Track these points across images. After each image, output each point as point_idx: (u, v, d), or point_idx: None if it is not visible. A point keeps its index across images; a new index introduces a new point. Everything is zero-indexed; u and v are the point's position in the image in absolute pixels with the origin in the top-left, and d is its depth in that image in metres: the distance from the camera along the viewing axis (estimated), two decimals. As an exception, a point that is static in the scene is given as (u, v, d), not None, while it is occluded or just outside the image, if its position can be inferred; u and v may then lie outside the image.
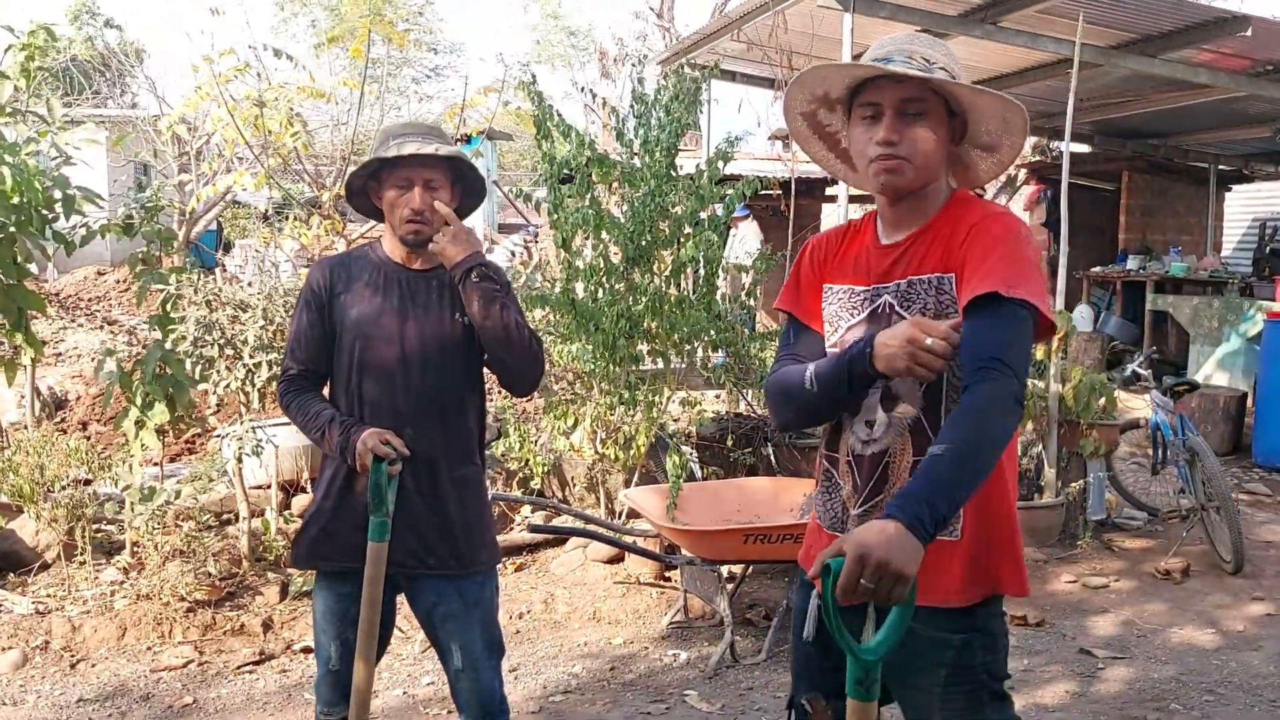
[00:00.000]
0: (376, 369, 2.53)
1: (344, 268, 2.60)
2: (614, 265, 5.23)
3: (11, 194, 4.45)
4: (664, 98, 5.30)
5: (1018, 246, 1.84)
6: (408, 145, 2.47)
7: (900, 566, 1.58)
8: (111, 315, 11.37)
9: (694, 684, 4.15)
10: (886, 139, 1.87)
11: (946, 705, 1.91)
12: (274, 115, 4.76)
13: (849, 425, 1.99)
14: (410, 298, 2.55)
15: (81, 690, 4.03)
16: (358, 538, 2.50)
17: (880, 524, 1.62)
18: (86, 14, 26.70)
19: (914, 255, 1.93)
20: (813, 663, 2.06)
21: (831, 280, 2.05)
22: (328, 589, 2.60)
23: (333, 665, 2.59)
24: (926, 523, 1.63)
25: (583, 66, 26.61)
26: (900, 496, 1.68)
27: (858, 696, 1.66)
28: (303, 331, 2.59)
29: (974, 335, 1.79)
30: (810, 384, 1.95)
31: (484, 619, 2.59)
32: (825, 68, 1.97)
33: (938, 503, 1.65)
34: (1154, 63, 8.15)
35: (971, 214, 1.91)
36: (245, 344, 4.82)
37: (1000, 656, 1.96)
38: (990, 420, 1.73)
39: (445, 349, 2.55)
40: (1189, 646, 4.60)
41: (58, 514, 4.82)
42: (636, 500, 4.74)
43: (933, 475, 1.69)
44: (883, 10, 7.37)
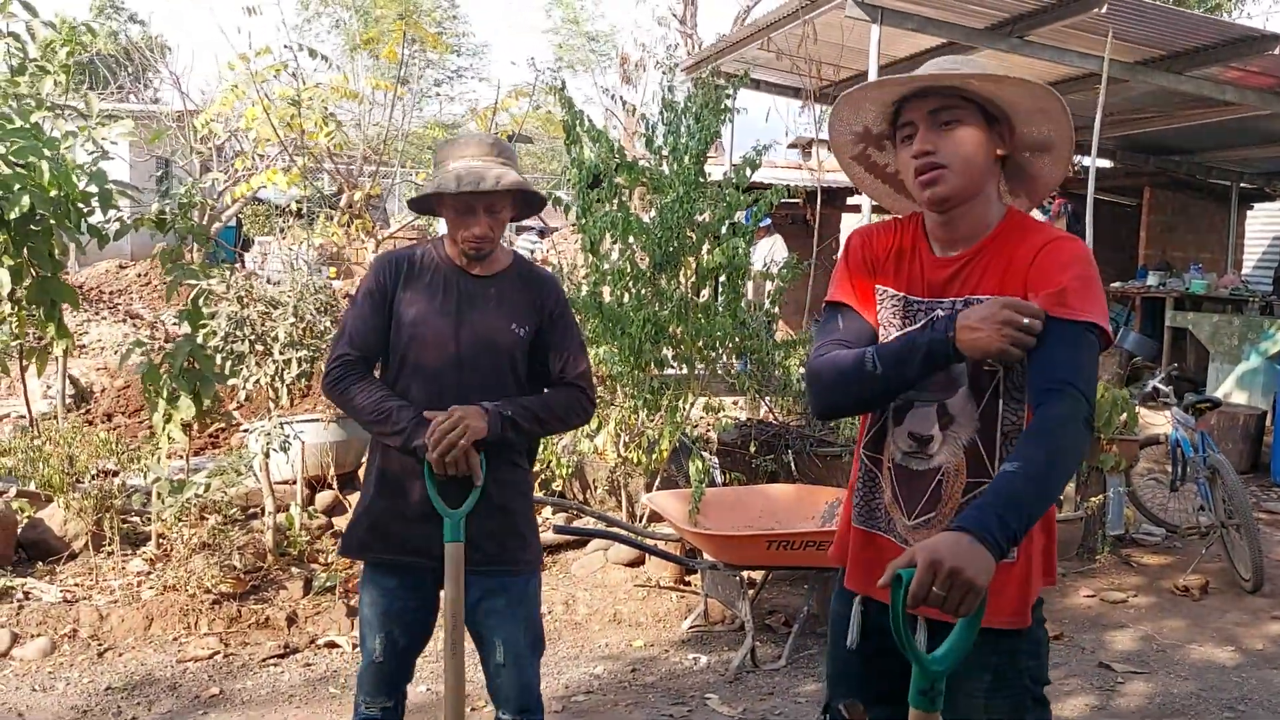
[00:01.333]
0: (426, 369, 2.54)
1: (408, 264, 2.61)
2: (641, 270, 5.26)
3: (50, 187, 4.52)
4: (694, 106, 5.34)
5: (1085, 270, 1.85)
6: (465, 182, 2.47)
7: (973, 577, 1.57)
8: (133, 309, 11.47)
9: (715, 688, 4.17)
10: (921, 150, 1.89)
11: (991, 711, 1.93)
12: (310, 115, 4.81)
13: (892, 430, 2.00)
14: (467, 302, 2.57)
15: (110, 679, 4.08)
16: (407, 531, 2.53)
17: (954, 535, 1.62)
18: (110, 8, 26.89)
19: (972, 273, 1.93)
20: (852, 669, 2.07)
21: (883, 281, 2.03)
22: (374, 583, 2.61)
23: (376, 658, 2.60)
24: (999, 537, 1.62)
25: (604, 71, 26.68)
26: (974, 509, 1.68)
27: (921, 707, 1.68)
28: (363, 320, 2.58)
29: (1046, 355, 1.80)
30: (873, 364, 1.89)
31: (527, 616, 2.61)
32: (847, 99, 1.98)
33: (1009, 519, 1.65)
34: (1180, 79, 8.16)
35: (1036, 237, 1.91)
36: (276, 340, 4.87)
37: (1043, 662, 1.99)
38: (1064, 440, 1.74)
39: (496, 355, 2.56)
40: (1208, 663, 4.61)
41: (86, 504, 4.87)
42: (660, 504, 4.77)
43: (1006, 491, 1.69)
44: (910, 22, 7.40)
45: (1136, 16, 7.07)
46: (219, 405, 5.01)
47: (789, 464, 5.65)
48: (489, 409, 2.47)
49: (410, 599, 2.60)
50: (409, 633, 2.62)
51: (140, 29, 24.97)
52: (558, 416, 2.62)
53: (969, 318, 1.83)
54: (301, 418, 5.26)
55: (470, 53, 29.47)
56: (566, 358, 2.62)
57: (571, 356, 2.63)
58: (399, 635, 2.60)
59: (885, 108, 1.96)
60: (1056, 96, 1.91)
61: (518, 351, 2.58)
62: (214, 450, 6.65)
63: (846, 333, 2.01)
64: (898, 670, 1.95)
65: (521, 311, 2.59)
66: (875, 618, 2.00)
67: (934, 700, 1.67)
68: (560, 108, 5.33)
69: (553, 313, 2.63)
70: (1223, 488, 5.76)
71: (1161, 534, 6.53)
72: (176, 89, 11.09)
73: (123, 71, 14.52)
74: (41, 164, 4.51)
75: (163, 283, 10.96)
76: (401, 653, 2.63)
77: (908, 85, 1.91)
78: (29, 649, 4.22)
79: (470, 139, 2.63)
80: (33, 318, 5.21)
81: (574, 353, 2.65)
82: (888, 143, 2.04)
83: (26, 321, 5.26)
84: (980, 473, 1.91)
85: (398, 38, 5.28)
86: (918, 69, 1.99)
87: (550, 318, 2.62)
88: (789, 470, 5.67)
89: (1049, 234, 1.92)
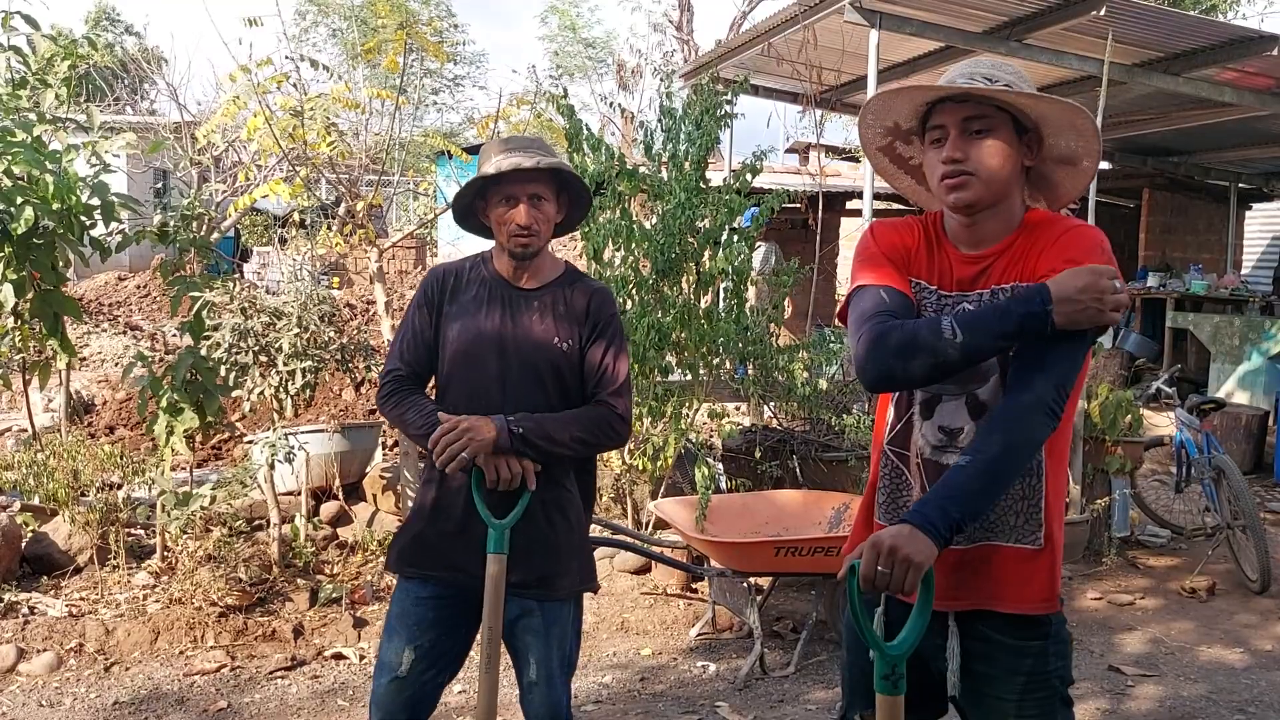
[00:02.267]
0: (472, 384, 2.51)
1: (456, 277, 2.59)
2: (644, 277, 5.26)
3: (53, 200, 4.51)
4: (694, 112, 5.34)
5: (1100, 258, 1.87)
6: (507, 161, 2.45)
7: (910, 554, 1.71)
8: (133, 320, 11.46)
9: (724, 695, 4.16)
10: (950, 157, 1.90)
11: (1023, 713, 1.94)
12: (312, 125, 4.80)
13: (919, 424, 2.01)
14: (513, 317, 2.53)
15: (117, 693, 4.06)
16: (446, 546, 2.49)
17: (897, 525, 1.77)
18: (106, 20, 26.92)
19: (997, 268, 1.95)
20: (869, 678, 2.07)
21: (918, 276, 2.03)
22: (406, 593, 2.55)
23: (401, 672, 2.49)
24: (939, 526, 1.74)
25: (600, 78, 26.72)
26: (918, 503, 1.81)
27: (884, 691, 1.78)
28: (415, 334, 2.57)
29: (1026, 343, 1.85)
30: (952, 331, 1.81)
31: (561, 638, 2.54)
32: (883, 96, 2.00)
33: (951, 509, 1.76)
34: (1178, 81, 8.17)
35: (1058, 226, 1.94)
36: (280, 351, 4.86)
37: (1068, 663, 2.00)
38: (1018, 433, 1.81)
39: (542, 370, 2.51)
40: (1218, 665, 4.60)
41: (91, 518, 4.86)
42: (666, 511, 4.76)
43: (952, 484, 1.80)
44: (908, 26, 7.42)
45: (1135, 18, 7.09)
46: (222, 417, 5.00)
47: (794, 470, 5.64)
48: (499, 422, 2.41)
49: (445, 611, 2.52)
50: (438, 648, 2.52)
51: (136, 41, 24.99)
52: (578, 437, 2.48)
53: (1066, 289, 1.79)
54: (305, 428, 5.26)
55: (468, 61, 29.53)
56: (601, 374, 2.53)
57: (607, 373, 2.53)
58: (428, 648, 2.50)
59: (918, 107, 1.98)
60: (1089, 116, 1.92)
61: (564, 366, 2.52)
62: (218, 462, 6.64)
63: (894, 306, 1.92)
64: (914, 680, 1.96)
65: (568, 325, 2.53)
66: (895, 615, 2.00)
67: (895, 684, 1.78)
68: (561, 116, 5.33)
69: (595, 324, 2.55)
70: (1228, 488, 5.76)
71: (1167, 536, 6.53)
72: (174, 101, 11.09)
73: (119, 83, 14.52)
74: (45, 177, 4.51)
75: (162, 294, 10.97)
76: (428, 669, 2.52)
77: (947, 91, 1.92)
78: (35, 664, 4.20)
79: (510, 139, 2.60)
80: (35, 331, 5.20)
81: (610, 370, 2.53)
82: (915, 139, 2.05)
83: (29, 335, 5.25)
84: None
85: (398, 47, 5.26)
86: (955, 66, 2.00)
87: (593, 329, 2.54)
88: (794, 476, 5.66)
89: (1069, 223, 1.95)
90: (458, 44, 25.82)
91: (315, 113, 4.99)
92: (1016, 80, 1.94)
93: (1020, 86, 1.93)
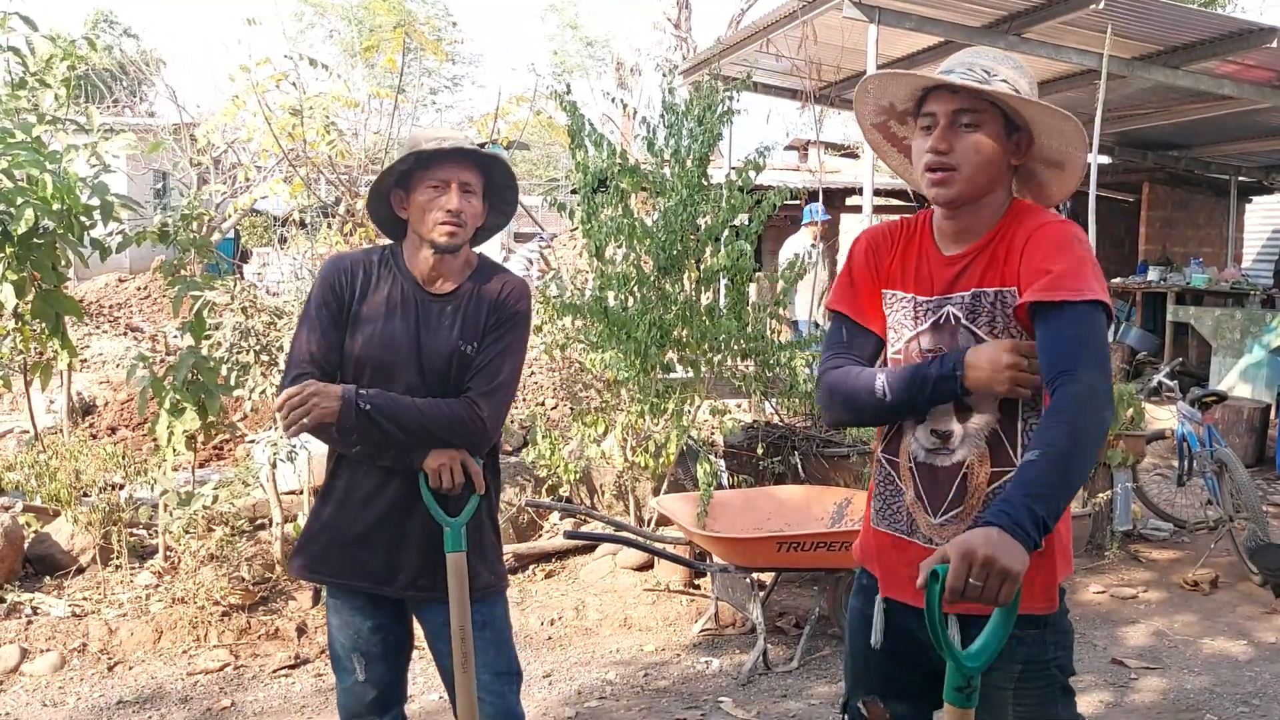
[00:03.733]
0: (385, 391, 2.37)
1: (365, 273, 2.42)
2: (645, 274, 5.26)
3: (53, 200, 4.51)
4: (696, 109, 5.34)
5: (1076, 249, 1.86)
6: (449, 141, 2.34)
7: (1008, 565, 1.57)
8: (134, 322, 11.46)
9: (728, 691, 4.16)
10: (935, 147, 1.90)
11: (1020, 701, 1.94)
12: (311, 124, 4.80)
13: (910, 430, 2.02)
14: (426, 327, 2.40)
15: (120, 692, 4.06)
16: (357, 553, 2.42)
17: (983, 529, 1.62)
18: (105, 22, 26.92)
19: (976, 268, 1.95)
20: (873, 667, 2.08)
21: (891, 286, 2.06)
22: (342, 603, 2.48)
23: (359, 678, 2.47)
24: (1028, 526, 1.62)
25: (600, 76, 26.71)
26: (1000, 502, 1.68)
27: (957, 704, 1.68)
28: (320, 335, 2.39)
29: (1051, 340, 1.81)
30: (883, 393, 1.96)
31: (496, 640, 2.47)
32: (881, 76, 2.01)
33: (1036, 507, 1.65)
34: (1177, 74, 8.17)
35: (1030, 223, 1.93)
36: (281, 350, 4.85)
37: (1069, 653, 2.00)
38: (1083, 420, 1.73)
39: (450, 378, 2.39)
40: (1221, 657, 4.60)
41: (93, 518, 4.86)
42: (669, 508, 4.76)
43: (1029, 479, 1.69)
44: (908, 21, 7.41)
45: (1134, 12, 7.08)
46: (224, 416, 5.00)
47: (796, 466, 5.64)
48: (347, 394, 2.27)
49: (379, 618, 2.48)
50: (385, 645, 2.50)
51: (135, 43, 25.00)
52: (428, 429, 2.33)
53: (976, 358, 1.89)
54: (307, 427, 5.24)
55: (467, 61, 29.52)
56: (480, 369, 2.39)
57: (485, 369, 2.39)
58: (377, 651, 2.48)
59: (914, 90, 1.98)
60: (1078, 124, 1.92)
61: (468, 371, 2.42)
62: (219, 462, 6.64)
63: (854, 347, 2.07)
64: (916, 667, 1.96)
65: (471, 328, 2.41)
66: (896, 618, 2.02)
67: (969, 697, 1.68)
68: (564, 112, 5.33)
69: (496, 318, 2.42)
70: (1230, 481, 5.75)
71: (1169, 529, 6.52)
72: (172, 102, 11.10)
73: (118, 85, 14.53)
74: (44, 177, 4.51)
75: (162, 296, 10.97)
76: (386, 668, 2.51)
77: (940, 81, 1.92)
78: (39, 664, 4.20)
79: (440, 129, 2.47)
80: (36, 332, 5.20)
81: (490, 367, 2.39)
82: (910, 119, 2.05)
83: (30, 336, 5.25)
84: (1003, 461, 1.93)
85: (397, 46, 5.26)
86: (957, 54, 1.99)
87: (491, 322, 2.42)
88: (796, 472, 5.66)
89: (1039, 219, 1.93)
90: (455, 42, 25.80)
91: (314, 112, 4.98)
92: (1016, 76, 1.93)
93: (1019, 82, 1.93)
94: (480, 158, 2.39)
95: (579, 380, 6.26)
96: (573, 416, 5.60)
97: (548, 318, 5.51)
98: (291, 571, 2.58)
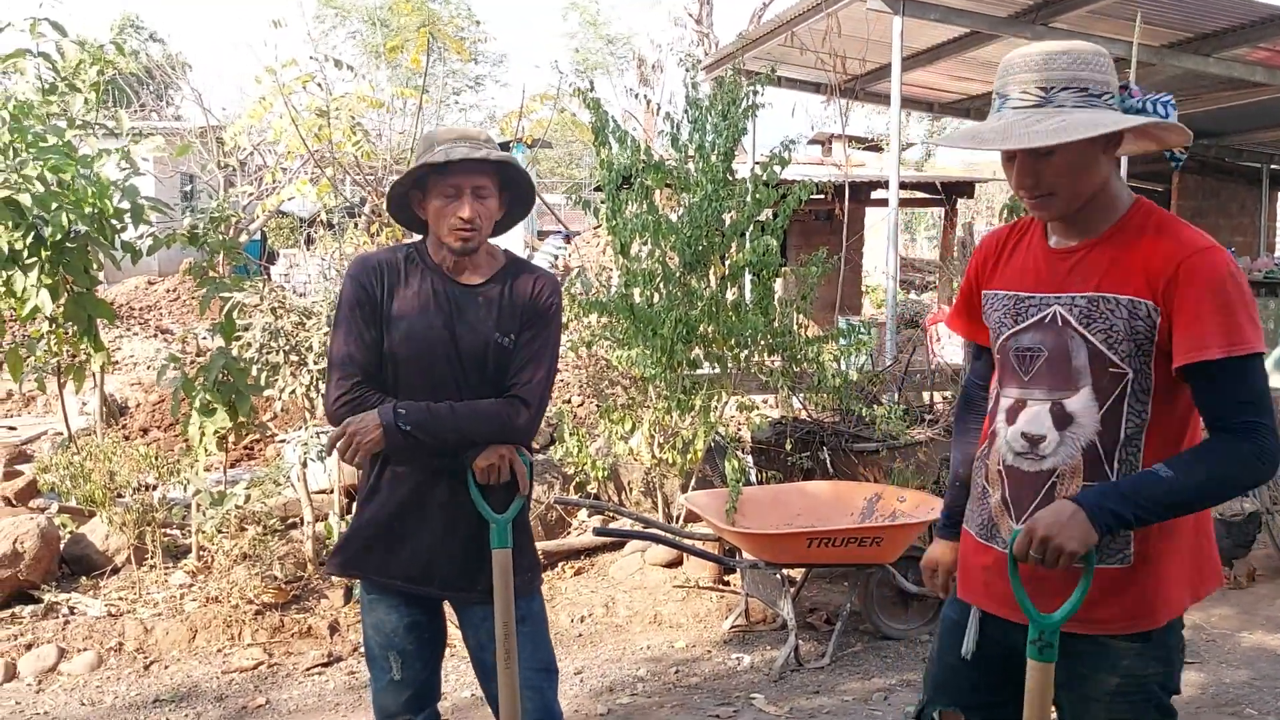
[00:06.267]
0: (420, 387, 2.38)
1: (393, 270, 2.42)
2: (671, 270, 5.25)
3: (85, 204, 4.56)
4: (721, 103, 5.32)
5: (1230, 291, 1.76)
6: (456, 151, 2.33)
7: (1062, 543, 1.69)
8: (164, 324, 11.57)
9: (760, 688, 4.15)
10: (1021, 184, 1.84)
11: (1112, 713, 1.88)
12: (338, 125, 4.83)
13: (1003, 431, 1.96)
14: (460, 315, 2.40)
15: (157, 691, 4.10)
16: (399, 551, 2.42)
17: (1060, 504, 1.74)
18: (131, 27, 27.19)
19: (1091, 265, 1.86)
20: (960, 676, 2.06)
21: (991, 286, 2.01)
22: (378, 601, 2.48)
23: (395, 676, 2.47)
24: (1108, 517, 1.70)
25: (621, 74, 26.72)
26: (1102, 485, 1.76)
27: (1034, 656, 1.78)
28: (357, 336, 2.38)
29: (1212, 395, 1.77)
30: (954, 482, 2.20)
31: (534, 634, 2.48)
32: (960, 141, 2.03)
33: (1127, 509, 1.69)
34: (1208, 61, 8.07)
35: (1170, 242, 1.80)
36: (310, 350, 4.88)
37: (1174, 670, 1.91)
38: (1230, 472, 1.75)
39: (487, 370, 2.40)
40: (1260, 651, 4.54)
41: (128, 519, 4.90)
42: (698, 504, 4.75)
43: (1145, 487, 1.72)
44: (933, 13, 7.36)
45: (1163, -1, 7.01)
46: (254, 416, 5.03)
47: (825, 461, 5.61)
48: (386, 419, 2.29)
49: (418, 613, 2.49)
50: (421, 642, 2.50)
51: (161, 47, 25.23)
52: (463, 431, 2.34)
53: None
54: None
55: (490, 61, 29.60)
56: (520, 366, 2.40)
57: (527, 365, 2.40)
58: (413, 649, 2.48)
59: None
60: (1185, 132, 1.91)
61: (505, 364, 2.42)
62: (249, 462, 6.69)
63: (975, 370, 2.23)
64: (999, 682, 1.95)
65: (508, 320, 2.42)
66: (986, 628, 2.01)
67: (1042, 650, 1.78)
68: (588, 109, 5.32)
69: (531, 314, 2.43)
70: (1267, 473, 5.67)
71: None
72: (199, 105, 11.21)
73: (144, 90, 14.68)
74: (77, 181, 4.55)
75: (191, 297, 11.07)
76: (422, 666, 2.51)
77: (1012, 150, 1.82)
78: (76, 663, 4.25)
79: (456, 129, 2.46)
80: (69, 335, 5.26)
81: (531, 363, 2.41)
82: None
83: (63, 338, 5.31)
84: (1097, 476, 1.84)
85: (421, 45, 5.28)
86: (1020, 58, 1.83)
87: (527, 319, 2.43)
88: (825, 467, 5.63)
89: (1186, 242, 1.79)
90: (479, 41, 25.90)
91: (340, 112, 5.01)
92: (1078, 73, 1.79)
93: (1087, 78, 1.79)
94: (491, 162, 2.39)
95: (605, 377, 6.26)
96: (599, 414, 5.60)
97: (574, 315, 5.51)
98: (330, 569, 2.59)
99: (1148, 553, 1.84)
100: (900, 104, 7.83)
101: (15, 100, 5.08)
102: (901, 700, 3.99)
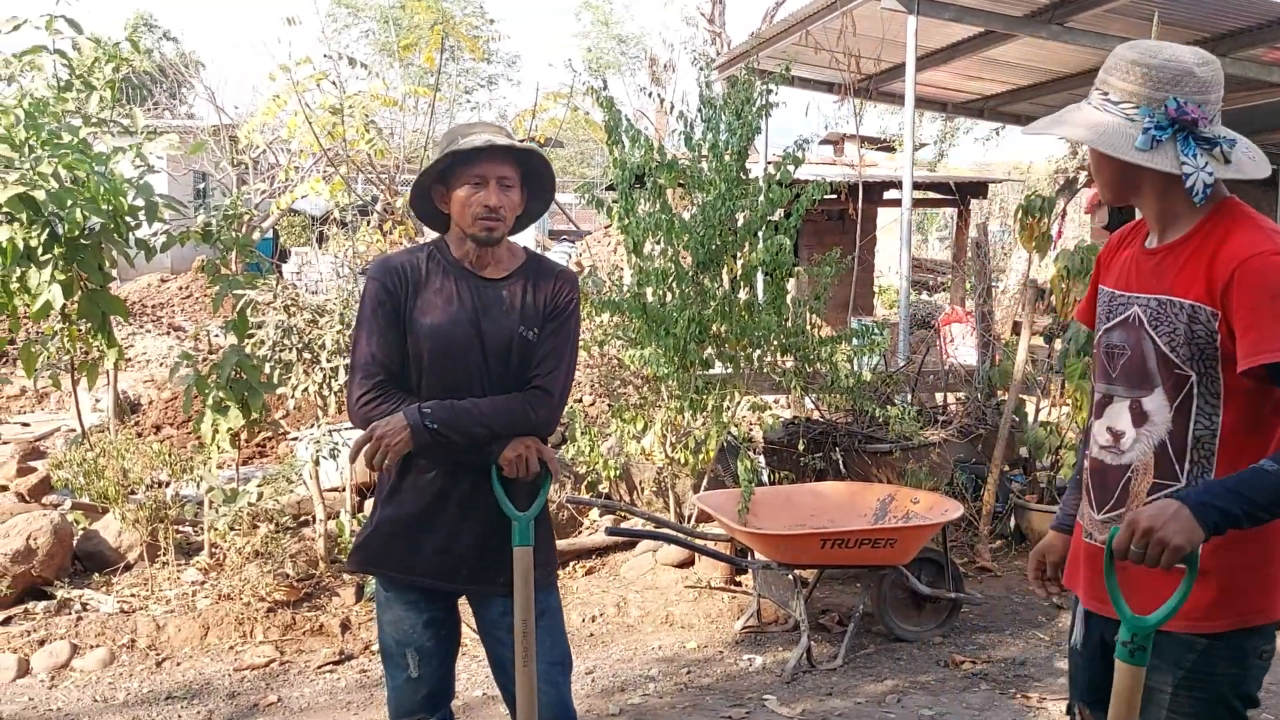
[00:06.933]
0: (447, 382, 2.39)
1: (414, 269, 2.44)
2: (684, 270, 5.23)
3: (100, 201, 4.57)
4: (734, 102, 5.30)
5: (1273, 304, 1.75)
6: (482, 138, 2.35)
7: (1166, 537, 1.63)
8: (176, 321, 11.61)
9: (772, 689, 4.13)
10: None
11: (1176, 708, 1.86)
12: (351, 123, 4.83)
13: (1095, 424, 2.02)
14: (483, 310, 2.42)
15: (169, 687, 4.11)
16: (420, 547, 2.43)
17: (1166, 501, 1.69)
18: (144, 25, 27.30)
19: (1168, 267, 1.89)
20: (1079, 670, 2.11)
21: (1103, 281, 2.07)
22: (395, 598, 2.49)
23: (412, 674, 2.48)
24: (1214, 513, 1.65)
25: (633, 74, 26.72)
26: (1208, 482, 1.74)
27: (1122, 658, 1.74)
28: (380, 336, 2.39)
29: None
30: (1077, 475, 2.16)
31: (551, 629, 2.49)
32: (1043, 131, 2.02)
33: (1235, 505, 1.66)
34: (1225, 62, 7.98)
35: (1236, 242, 1.81)
36: (323, 348, 4.89)
37: (1249, 675, 1.88)
38: None
39: (511, 364, 2.42)
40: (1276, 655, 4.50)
41: (140, 515, 4.92)
42: (710, 504, 4.74)
43: (1251, 482, 1.69)
44: (947, 12, 7.33)
45: (1179, -2, 6.97)
46: (267, 414, 5.05)
47: (837, 462, 5.60)
48: (413, 419, 2.30)
49: (436, 610, 2.50)
50: (438, 639, 2.51)
51: (175, 46, 25.32)
52: (489, 426, 2.36)
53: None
54: (350, 425, 5.27)
55: (503, 61, 29.63)
56: (542, 359, 2.43)
57: (548, 358, 2.43)
58: (430, 646, 2.49)
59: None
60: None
61: (530, 357, 2.45)
62: (262, 459, 6.70)
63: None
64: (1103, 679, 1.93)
65: (531, 315, 2.44)
66: (1093, 623, 2.03)
67: (1133, 654, 1.72)
68: (601, 108, 5.31)
69: (553, 309, 2.46)
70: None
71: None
72: (212, 104, 11.24)
73: (158, 88, 14.73)
74: (91, 179, 4.56)
75: (204, 295, 11.11)
76: (439, 663, 2.52)
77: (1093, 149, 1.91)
78: (89, 660, 4.26)
79: (480, 122, 2.50)
80: (82, 332, 5.28)
81: (553, 356, 2.44)
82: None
83: (76, 335, 5.32)
84: (1167, 474, 1.87)
85: (435, 43, 5.28)
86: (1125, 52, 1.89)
87: (549, 314, 2.45)
88: (837, 468, 5.62)
89: (1245, 245, 1.80)
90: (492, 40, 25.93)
91: (354, 110, 5.01)
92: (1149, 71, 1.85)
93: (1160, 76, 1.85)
94: (517, 152, 2.42)
95: (617, 377, 6.26)
96: (611, 413, 5.59)
97: (586, 314, 5.50)
98: (350, 566, 2.61)
99: (1217, 554, 1.81)
100: (914, 104, 7.80)
101: (31, 97, 5.10)
102: (914, 703, 3.97)
